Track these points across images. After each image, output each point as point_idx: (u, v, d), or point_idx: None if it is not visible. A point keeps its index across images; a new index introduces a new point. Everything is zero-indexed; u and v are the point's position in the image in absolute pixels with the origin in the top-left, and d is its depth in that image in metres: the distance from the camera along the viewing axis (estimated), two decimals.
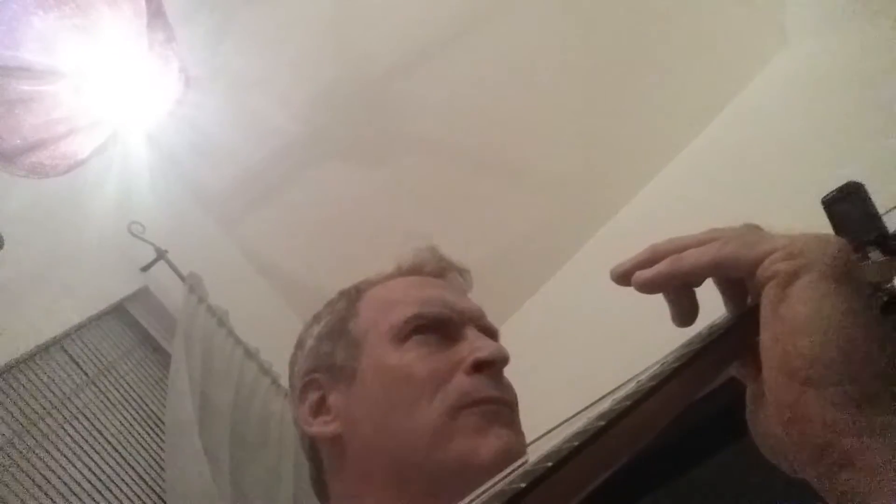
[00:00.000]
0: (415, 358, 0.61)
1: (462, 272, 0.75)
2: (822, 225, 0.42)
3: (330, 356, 0.67)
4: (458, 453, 0.55)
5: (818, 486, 0.30)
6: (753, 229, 0.39)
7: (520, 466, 0.22)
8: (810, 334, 0.31)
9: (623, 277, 0.41)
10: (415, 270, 0.72)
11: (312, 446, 0.66)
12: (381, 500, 0.58)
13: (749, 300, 0.40)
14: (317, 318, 0.73)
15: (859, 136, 1.43)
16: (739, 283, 0.40)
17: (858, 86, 1.53)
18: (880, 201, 0.47)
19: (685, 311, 0.41)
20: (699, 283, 0.40)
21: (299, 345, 0.73)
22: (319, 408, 0.65)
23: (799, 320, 0.32)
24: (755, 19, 1.80)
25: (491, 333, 0.67)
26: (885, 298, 0.40)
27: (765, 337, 0.34)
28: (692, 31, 1.84)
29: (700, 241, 0.39)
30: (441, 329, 0.63)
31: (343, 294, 0.73)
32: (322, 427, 0.63)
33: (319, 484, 0.67)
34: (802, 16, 1.76)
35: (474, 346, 0.61)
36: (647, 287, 0.39)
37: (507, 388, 0.62)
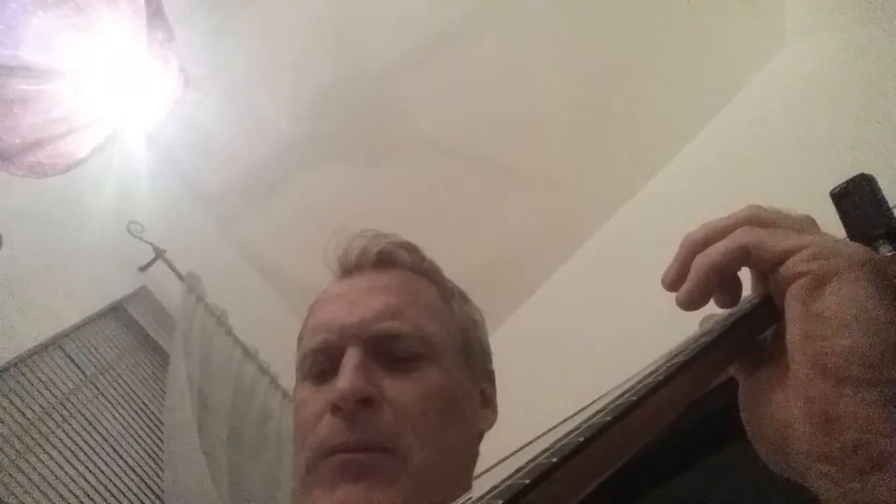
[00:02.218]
0: (300, 400, 0.61)
1: (398, 248, 0.67)
2: (823, 223, 0.41)
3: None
4: None
5: (836, 487, 0.30)
6: (802, 222, 0.38)
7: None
8: (851, 334, 0.31)
9: (671, 287, 0.39)
10: (342, 272, 0.69)
11: None
12: None
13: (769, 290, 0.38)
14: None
15: (859, 135, 1.43)
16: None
17: (858, 85, 1.53)
18: None
19: (732, 300, 0.40)
20: (737, 270, 0.38)
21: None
22: None
23: (839, 319, 0.32)
24: (755, 19, 1.80)
25: (379, 340, 0.59)
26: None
27: (794, 333, 0.33)
28: (692, 30, 1.84)
29: (731, 222, 0.38)
30: (327, 359, 0.60)
31: (314, 303, 0.70)
32: None
33: None
34: (802, 16, 1.76)
35: (335, 381, 0.57)
36: (689, 307, 0.37)
37: (366, 426, 0.54)
